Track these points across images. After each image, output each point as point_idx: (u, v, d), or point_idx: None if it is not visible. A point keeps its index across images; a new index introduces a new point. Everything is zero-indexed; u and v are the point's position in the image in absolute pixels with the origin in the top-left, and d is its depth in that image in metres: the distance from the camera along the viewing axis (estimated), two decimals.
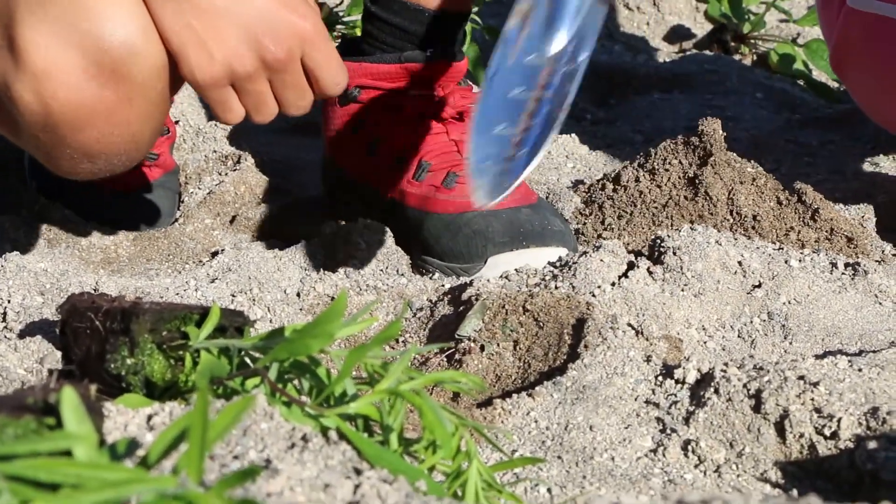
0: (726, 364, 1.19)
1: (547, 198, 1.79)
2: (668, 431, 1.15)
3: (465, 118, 1.70)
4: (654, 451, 1.14)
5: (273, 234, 1.72)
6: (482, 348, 1.31)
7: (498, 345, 1.32)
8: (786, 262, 1.46)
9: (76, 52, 1.20)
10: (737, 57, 2.63)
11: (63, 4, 1.19)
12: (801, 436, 1.12)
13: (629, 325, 1.31)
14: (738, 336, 1.38)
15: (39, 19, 1.18)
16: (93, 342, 1.04)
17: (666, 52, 2.68)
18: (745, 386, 1.15)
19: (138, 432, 0.83)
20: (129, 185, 1.76)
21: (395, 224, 1.66)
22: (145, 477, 0.66)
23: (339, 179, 1.78)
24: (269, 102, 1.28)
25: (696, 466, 1.12)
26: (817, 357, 1.28)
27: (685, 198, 1.69)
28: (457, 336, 1.33)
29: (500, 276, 1.47)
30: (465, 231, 1.59)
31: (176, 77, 1.26)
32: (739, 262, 1.44)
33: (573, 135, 2.15)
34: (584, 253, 1.44)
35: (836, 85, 2.57)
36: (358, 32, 2.19)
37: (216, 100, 1.27)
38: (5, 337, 1.30)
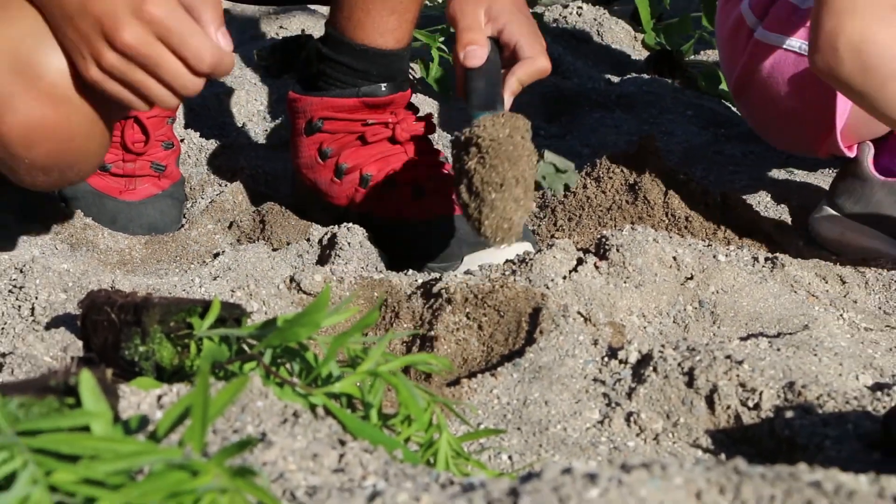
0: (663, 346, 1.19)
1: None
2: (613, 405, 1.15)
3: (417, 140, 1.69)
4: (601, 422, 1.13)
5: (266, 237, 1.71)
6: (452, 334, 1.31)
7: (464, 332, 1.32)
8: (714, 256, 1.46)
9: (19, 80, 1.20)
10: (669, 80, 2.64)
11: (2, 43, 1.19)
12: (728, 407, 1.12)
13: (579, 313, 1.31)
14: (674, 322, 1.38)
15: None
16: (109, 333, 1.03)
17: (610, 77, 2.69)
18: (679, 365, 1.15)
19: (150, 410, 0.83)
20: (141, 195, 1.75)
21: (370, 234, 1.65)
22: (154, 449, 0.66)
23: (311, 201, 1.76)
24: (152, 88, 1.20)
25: (637, 435, 1.12)
26: (742, 339, 1.28)
27: (626, 202, 1.69)
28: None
29: (465, 272, 1.47)
30: (437, 235, 1.59)
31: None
32: (674, 258, 1.44)
33: None
34: (539, 251, 1.44)
35: None
36: None
37: (112, 94, 1.21)
38: (33, 329, 1.29)
